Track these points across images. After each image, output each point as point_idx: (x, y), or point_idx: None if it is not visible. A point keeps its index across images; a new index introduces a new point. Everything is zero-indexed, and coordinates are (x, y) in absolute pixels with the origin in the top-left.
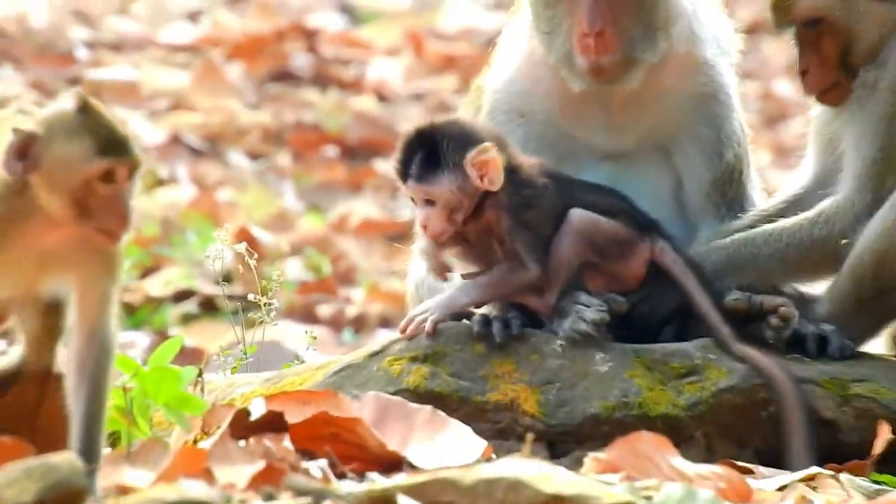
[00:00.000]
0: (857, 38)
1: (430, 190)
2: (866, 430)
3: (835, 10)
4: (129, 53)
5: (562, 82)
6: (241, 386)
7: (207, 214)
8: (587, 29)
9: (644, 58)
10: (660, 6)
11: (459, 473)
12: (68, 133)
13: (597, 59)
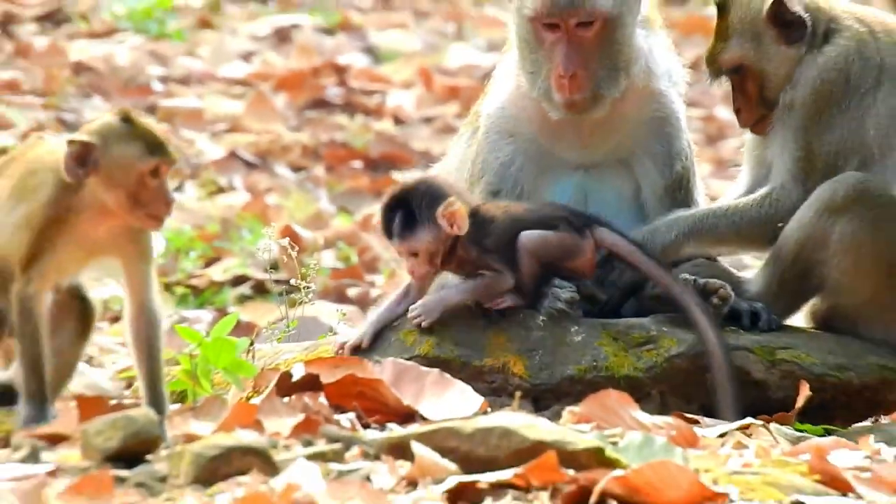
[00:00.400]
0: (770, 77)
1: (412, 245)
2: (790, 388)
3: (750, 58)
4: (194, 86)
5: (542, 110)
6: (285, 353)
7: (258, 215)
8: (563, 72)
9: (608, 94)
10: (621, 53)
11: (461, 423)
12: (121, 139)
13: (570, 97)
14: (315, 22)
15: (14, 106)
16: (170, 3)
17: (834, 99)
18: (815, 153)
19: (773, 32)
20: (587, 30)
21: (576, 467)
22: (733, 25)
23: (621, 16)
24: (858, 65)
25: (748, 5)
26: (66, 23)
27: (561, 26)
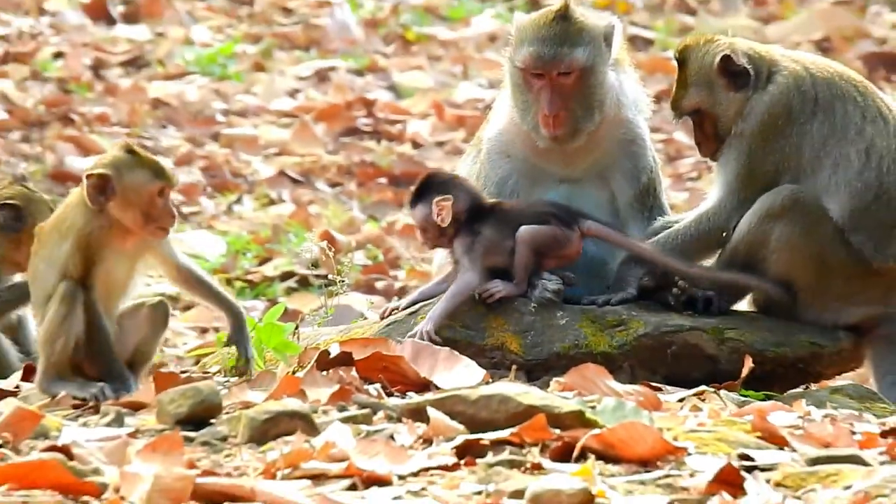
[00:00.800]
0: (722, 118)
1: (412, 214)
2: (736, 361)
3: (705, 103)
4: (250, 118)
5: (531, 136)
6: (324, 335)
7: (302, 223)
8: (547, 112)
9: (586, 128)
10: (596, 94)
11: (468, 391)
12: (131, 168)
13: (554, 132)
14: (348, 65)
15: (104, 135)
16: (230, 50)
17: (778, 128)
18: (756, 171)
19: (722, 81)
20: (567, 78)
21: (561, 427)
22: (690, 76)
23: (595, 65)
24: (798, 99)
25: (702, 59)
26: (146, 67)
27: (545, 75)
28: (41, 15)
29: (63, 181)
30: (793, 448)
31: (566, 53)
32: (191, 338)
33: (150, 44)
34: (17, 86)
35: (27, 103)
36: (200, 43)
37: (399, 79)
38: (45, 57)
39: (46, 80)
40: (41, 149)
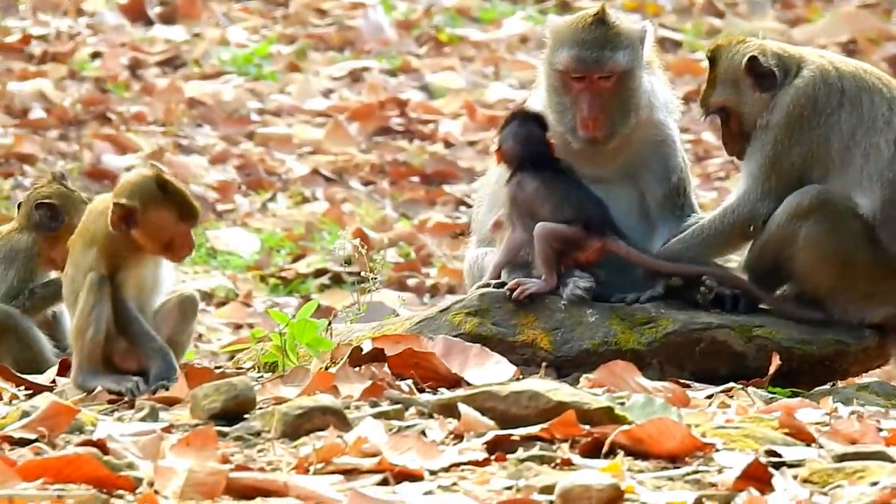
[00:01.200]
0: (747, 118)
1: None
2: (764, 359)
3: (731, 102)
4: (285, 117)
5: (564, 137)
6: (356, 332)
7: (335, 220)
8: (587, 115)
9: (622, 130)
10: (633, 97)
11: (498, 388)
12: (157, 205)
13: (592, 133)
14: (381, 65)
15: (141, 134)
16: (266, 50)
17: (805, 119)
18: (782, 163)
19: (749, 81)
20: (606, 81)
21: (591, 423)
22: (719, 75)
23: (633, 69)
24: (823, 90)
25: (731, 59)
26: (182, 67)
27: (585, 78)
28: (79, 15)
29: (100, 179)
30: (820, 444)
31: (608, 57)
32: (225, 334)
33: (186, 44)
34: (55, 85)
35: (65, 102)
36: (236, 43)
37: (431, 79)
38: (83, 57)
39: (84, 80)
40: (78, 147)
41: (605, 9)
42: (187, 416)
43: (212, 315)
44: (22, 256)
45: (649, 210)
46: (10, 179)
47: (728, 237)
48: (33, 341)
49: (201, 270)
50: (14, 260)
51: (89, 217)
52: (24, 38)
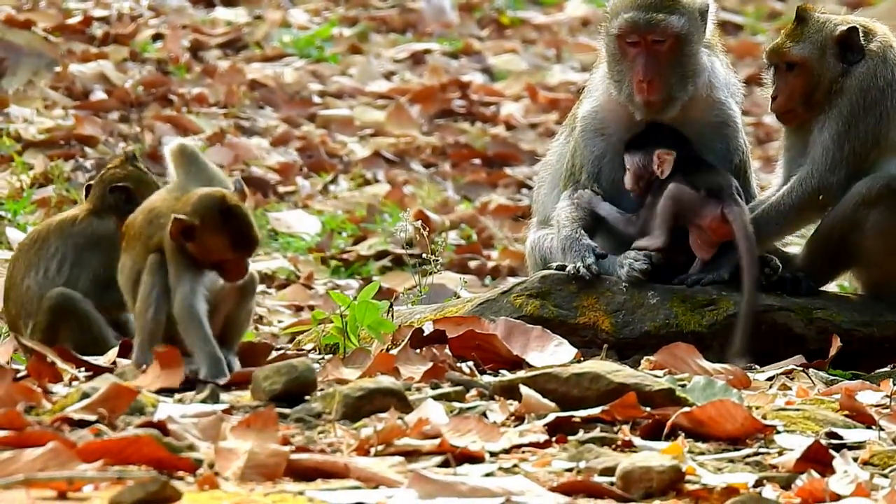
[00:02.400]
0: (819, 83)
1: (628, 160)
2: (824, 341)
3: (812, 62)
4: (346, 99)
5: (627, 112)
6: (417, 314)
7: (397, 202)
8: (642, 77)
9: (679, 96)
10: (689, 64)
11: (560, 369)
12: (216, 227)
13: (648, 97)
14: (443, 48)
15: (202, 116)
16: (327, 33)
17: (878, 90)
18: (852, 134)
19: (836, 50)
20: (661, 45)
21: (652, 405)
22: (807, 33)
23: (688, 34)
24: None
25: (825, 23)
26: (244, 49)
27: (640, 42)
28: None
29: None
30: (880, 427)
31: (661, 20)
32: (286, 316)
33: (248, 26)
34: (116, 67)
35: (126, 84)
36: (298, 26)
37: (493, 61)
38: (145, 38)
39: (145, 62)
40: (140, 129)
41: None
42: (248, 397)
43: (273, 297)
44: (106, 242)
45: None
46: (70, 161)
47: (800, 210)
48: (93, 324)
49: (262, 252)
50: (98, 245)
51: (151, 207)
52: (86, 19)
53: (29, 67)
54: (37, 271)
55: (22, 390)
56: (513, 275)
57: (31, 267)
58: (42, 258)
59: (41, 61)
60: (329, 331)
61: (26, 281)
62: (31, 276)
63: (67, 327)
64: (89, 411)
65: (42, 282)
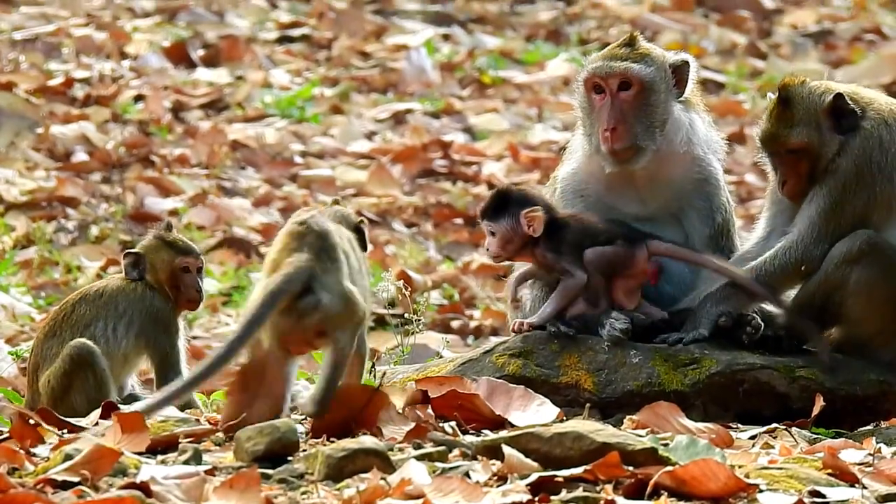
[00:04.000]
0: (822, 158)
1: (493, 226)
2: (807, 399)
3: (813, 143)
4: (328, 159)
5: (605, 173)
6: (400, 373)
7: (379, 262)
8: (606, 125)
9: (645, 145)
10: (655, 113)
11: (542, 429)
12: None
13: (612, 146)
14: (424, 107)
15: (184, 176)
16: (309, 93)
17: (874, 163)
18: (844, 209)
19: (829, 123)
20: (626, 93)
21: (635, 464)
22: (798, 115)
23: (653, 83)
24: (888, 134)
25: (809, 99)
26: (225, 109)
27: (605, 91)
28: (122, 58)
29: (143, 222)
30: (863, 485)
31: (626, 66)
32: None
33: (229, 87)
34: (98, 128)
35: (108, 145)
36: (279, 86)
37: (475, 121)
38: (126, 100)
39: (127, 123)
40: (122, 190)
41: (637, 34)
42: (231, 458)
43: None
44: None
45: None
46: (53, 223)
47: (781, 278)
48: (104, 383)
49: None
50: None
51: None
52: (67, 81)
53: (11, 129)
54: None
55: (5, 452)
56: (495, 334)
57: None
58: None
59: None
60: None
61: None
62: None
63: (81, 379)
64: (72, 473)
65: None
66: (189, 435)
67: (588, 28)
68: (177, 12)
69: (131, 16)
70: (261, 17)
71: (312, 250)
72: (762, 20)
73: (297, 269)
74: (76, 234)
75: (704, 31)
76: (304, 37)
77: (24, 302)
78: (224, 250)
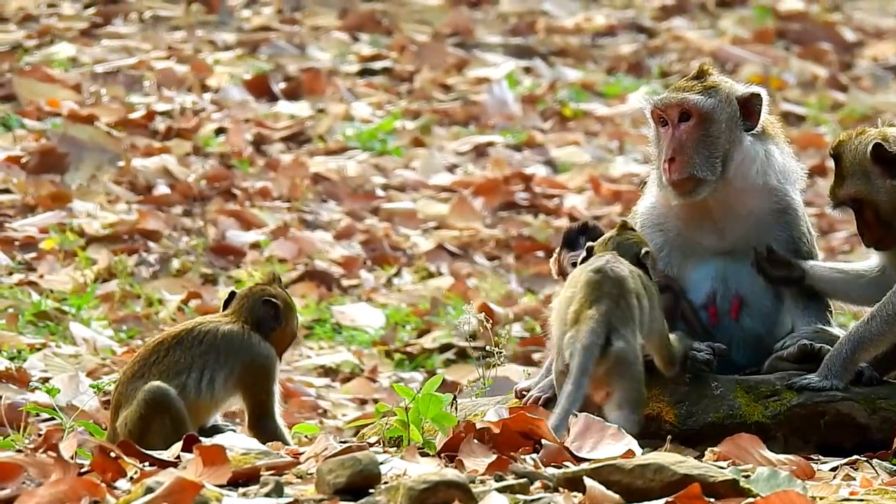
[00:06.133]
0: (882, 205)
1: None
2: (889, 430)
3: (863, 192)
4: (409, 192)
5: (681, 206)
6: (481, 406)
7: (460, 295)
8: (665, 157)
9: (704, 177)
10: (714, 145)
11: (623, 461)
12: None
13: (671, 177)
14: (506, 140)
15: (265, 209)
16: (390, 126)
17: None
18: None
19: (877, 170)
20: (686, 123)
21: (716, 496)
22: (847, 168)
23: (713, 113)
24: None
25: (856, 150)
26: (306, 142)
27: (668, 122)
28: (204, 91)
29: (225, 255)
30: None
31: (684, 97)
32: (350, 409)
33: (310, 119)
34: (179, 161)
35: (189, 178)
36: (360, 119)
37: (556, 153)
38: (208, 132)
39: (208, 156)
40: (203, 223)
41: (706, 67)
42: (312, 490)
43: (337, 390)
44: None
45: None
46: (134, 256)
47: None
48: (183, 424)
49: (326, 346)
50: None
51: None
52: (149, 114)
53: (92, 162)
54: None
55: (86, 485)
56: None
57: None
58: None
59: (104, 156)
60: (393, 424)
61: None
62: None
63: (159, 422)
64: None
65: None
66: (271, 467)
67: (669, 61)
68: (258, 45)
69: (213, 48)
70: (342, 50)
71: (611, 299)
72: (843, 52)
73: (599, 323)
74: (157, 267)
75: (785, 64)
76: (385, 69)
77: (105, 335)
78: (306, 283)
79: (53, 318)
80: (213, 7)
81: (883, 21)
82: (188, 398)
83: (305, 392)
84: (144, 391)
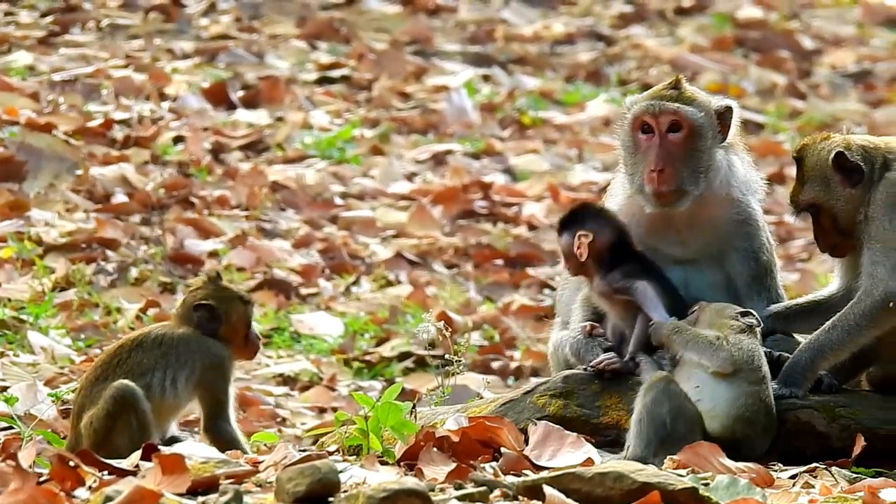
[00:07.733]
0: (839, 213)
1: (560, 242)
2: (847, 439)
3: (821, 198)
4: (368, 200)
5: (648, 215)
6: (440, 414)
7: (419, 304)
8: (653, 167)
9: (689, 190)
10: (702, 159)
11: (583, 469)
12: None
13: (658, 188)
14: (465, 148)
15: (224, 218)
16: (349, 134)
17: None
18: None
19: (837, 177)
20: (676, 135)
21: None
22: (807, 172)
23: (702, 128)
24: None
25: (818, 156)
26: (265, 151)
27: (654, 131)
28: (162, 100)
29: (183, 263)
30: None
31: (678, 108)
32: (309, 418)
33: (269, 128)
34: (137, 169)
35: (147, 187)
36: (319, 127)
37: (515, 162)
38: (166, 141)
39: (166, 164)
40: (161, 232)
41: (681, 77)
42: (272, 499)
43: (296, 399)
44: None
45: (737, 291)
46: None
47: (871, 319)
48: (147, 426)
49: (285, 354)
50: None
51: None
52: (107, 122)
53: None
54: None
55: (45, 494)
56: (535, 375)
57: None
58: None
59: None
60: (352, 432)
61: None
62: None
63: (125, 421)
64: None
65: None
66: (230, 476)
67: (628, 69)
68: (216, 53)
69: (171, 57)
70: (300, 59)
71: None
72: (802, 60)
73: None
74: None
75: (744, 72)
76: (344, 78)
77: (63, 344)
78: (264, 292)
79: (11, 326)
80: (172, 16)
81: (841, 29)
82: (153, 399)
83: (264, 401)
84: (112, 388)
